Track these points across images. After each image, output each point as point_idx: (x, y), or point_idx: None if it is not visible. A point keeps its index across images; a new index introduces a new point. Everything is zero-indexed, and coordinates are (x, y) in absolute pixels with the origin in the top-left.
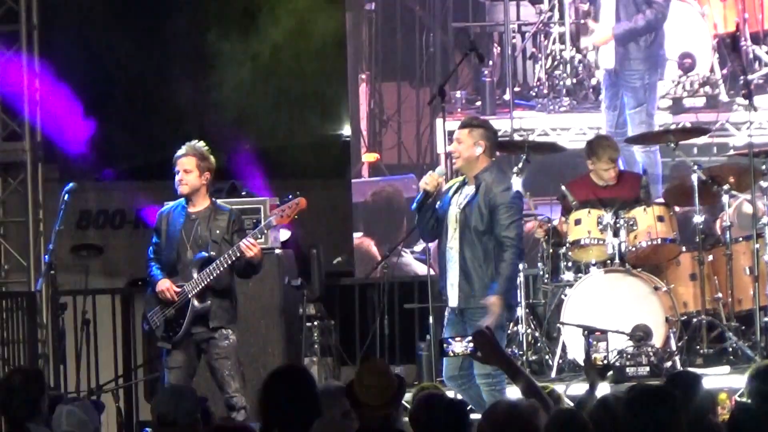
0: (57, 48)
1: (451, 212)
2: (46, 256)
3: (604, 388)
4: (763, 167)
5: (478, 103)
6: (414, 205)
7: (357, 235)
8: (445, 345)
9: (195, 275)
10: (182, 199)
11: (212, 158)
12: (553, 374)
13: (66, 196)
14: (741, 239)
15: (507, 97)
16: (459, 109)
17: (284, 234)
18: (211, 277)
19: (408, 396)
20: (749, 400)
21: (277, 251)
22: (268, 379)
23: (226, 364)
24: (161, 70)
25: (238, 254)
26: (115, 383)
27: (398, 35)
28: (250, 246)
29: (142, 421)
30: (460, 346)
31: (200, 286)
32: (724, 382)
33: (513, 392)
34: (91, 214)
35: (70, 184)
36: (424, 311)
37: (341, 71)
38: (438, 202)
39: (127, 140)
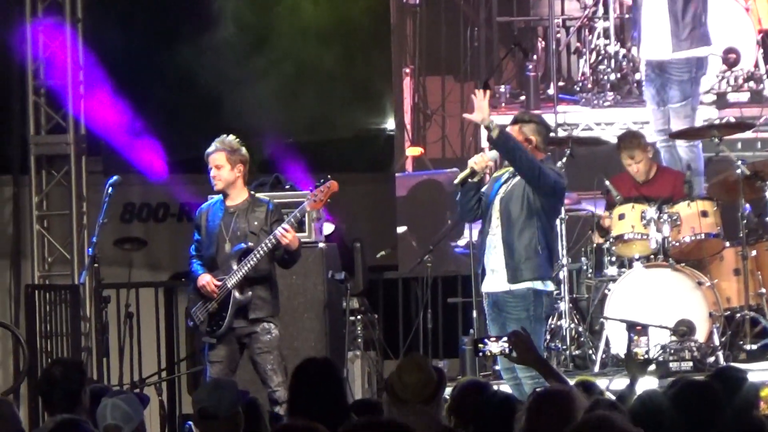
0: (102, 40)
1: (496, 201)
2: (90, 249)
3: (648, 383)
4: None
5: (523, 98)
6: (457, 180)
7: (401, 230)
8: (480, 345)
9: (234, 266)
10: (221, 195)
11: (244, 150)
12: (597, 369)
13: (110, 189)
14: None
15: (551, 91)
16: (503, 104)
17: (327, 228)
18: (249, 268)
19: (450, 390)
20: None
21: (321, 245)
22: (295, 370)
23: (269, 358)
24: (206, 63)
25: (275, 242)
26: (158, 376)
27: (443, 29)
28: (284, 233)
29: (184, 415)
30: (496, 347)
31: (240, 278)
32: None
33: None
34: (134, 207)
35: (114, 177)
36: (468, 305)
37: (386, 65)
38: (485, 187)
39: (171, 133)
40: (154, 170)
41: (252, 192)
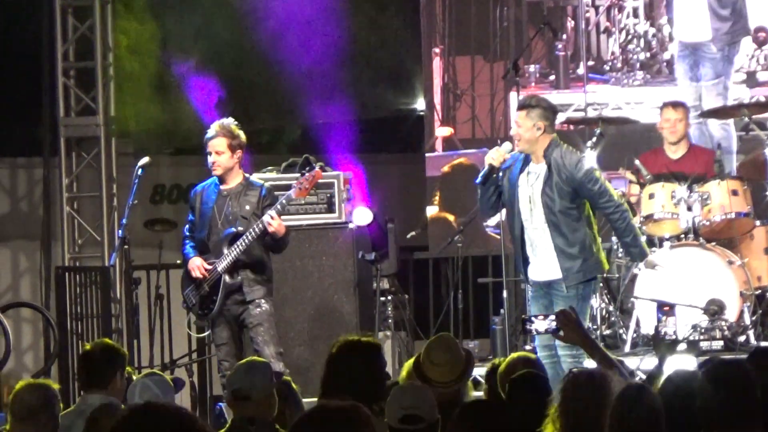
0: (131, 20)
1: (523, 192)
2: (120, 231)
3: (683, 362)
4: None
5: (552, 77)
6: (479, 179)
7: (432, 210)
8: (527, 324)
9: (225, 251)
10: (216, 177)
11: (242, 134)
12: (627, 348)
13: (139, 171)
14: None
15: (581, 71)
16: (533, 83)
17: (366, 216)
18: (239, 252)
19: (481, 371)
20: None
21: (351, 225)
22: (337, 350)
23: (260, 330)
24: (235, 42)
25: (262, 228)
26: (189, 358)
27: (472, 9)
28: (270, 221)
29: (215, 396)
30: (543, 325)
31: (229, 262)
32: None
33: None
34: (164, 188)
35: (144, 159)
36: (498, 285)
37: (416, 46)
38: (502, 178)
39: (201, 113)
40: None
41: (246, 175)
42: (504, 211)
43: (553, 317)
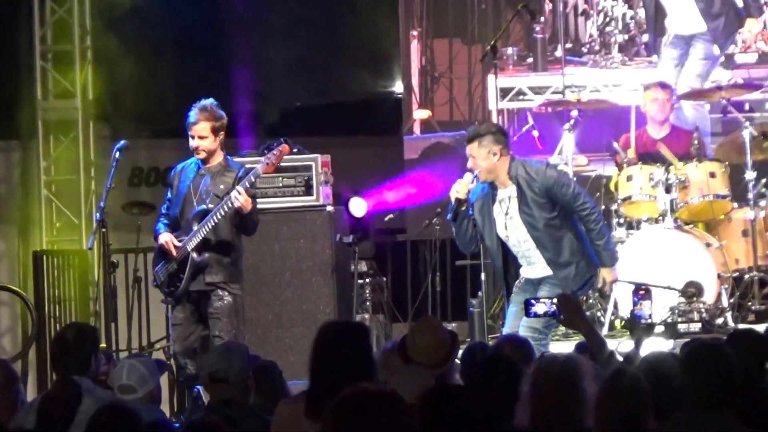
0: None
1: (500, 222)
2: (98, 214)
3: (661, 344)
4: None
5: (530, 60)
6: (449, 216)
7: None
8: (528, 306)
9: (194, 228)
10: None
11: (223, 115)
12: (605, 331)
13: (117, 154)
14: None
15: (559, 53)
16: (511, 66)
17: (361, 207)
18: (207, 230)
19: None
20: None
21: (329, 208)
22: (320, 330)
23: (218, 324)
24: (215, 26)
25: (230, 205)
26: (167, 341)
27: None
28: (237, 197)
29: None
30: (543, 308)
31: (198, 239)
32: None
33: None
34: (142, 171)
35: (122, 142)
36: (476, 268)
37: (393, 28)
38: (473, 213)
39: (179, 96)
40: None
41: (226, 156)
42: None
43: (554, 301)
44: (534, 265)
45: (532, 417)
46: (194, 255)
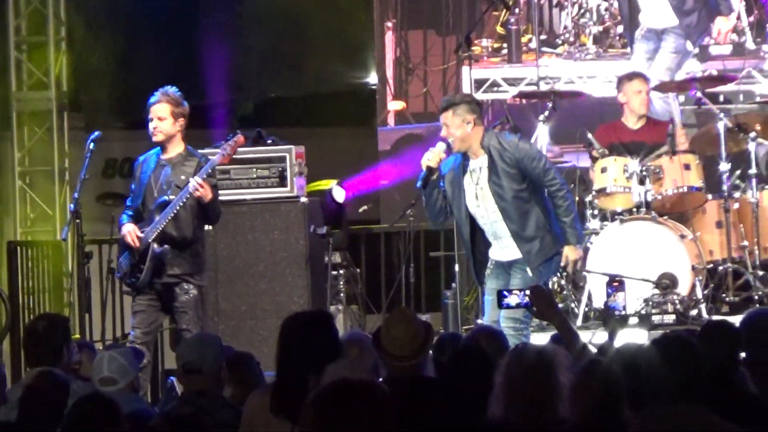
0: None
1: (469, 193)
2: (72, 205)
3: (636, 336)
4: None
5: (505, 51)
6: (419, 182)
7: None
8: (501, 297)
9: (156, 219)
10: (158, 147)
11: (186, 104)
12: (579, 322)
13: (91, 145)
14: (767, 187)
15: (533, 45)
16: (485, 57)
17: (342, 194)
18: (167, 220)
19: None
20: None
21: (303, 199)
22: (285, 322)
23: (184, 318)
24: (188, 17)
25: (189, 195)
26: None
27: None
28: (197, 186)
29: (167, 370)
30: (515, 299)
31: (158, 230)
32: None
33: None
34: (116, 162)
35: (96, 133)
36: (450, 259)
37: (368, 19)
38: (444, 185)
39: (153, 87)
40: None
41: (187, 146)
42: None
43: (527, 292)
44: (501, 239)
45: (505, 409)
46: (155, 246)
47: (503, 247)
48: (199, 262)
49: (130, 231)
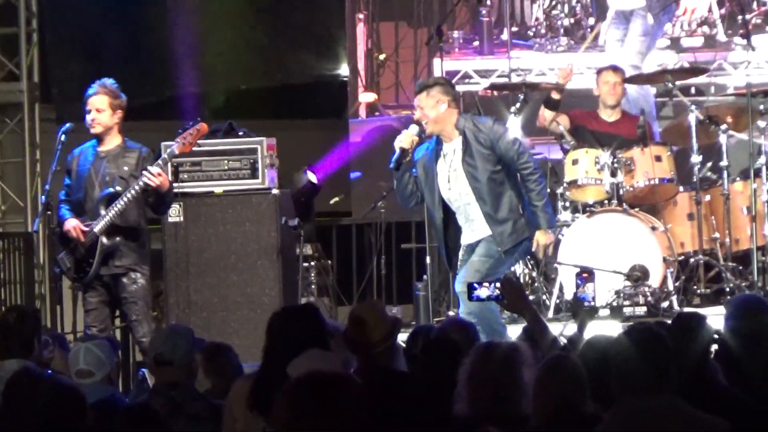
0: None
1: (442, 176)
2: (43, 197)
3: (610, 328)
4: (761, 107)
5: (476, 43)
6: (391, 164)
7: (354, 175)
8: (471, 290)
9: (102, 212)
10: (94, 140)
11: (124, 96)
12: (551, 314)
13: (62, 137)
14: (738, 179)
15: (505, 37)
16: (457, 49)
17: (313, 177)
18: (117, 213)
19: (404, 336)
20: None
21: (274, 191)
22: (275, 316)
23: (134, 308)
24: (160, 8)
25: (143, 185)
26: (112, 324)
27: None
28: (151, 177)
29: (138, 362)
30: (486, 292)
31: (106, 223)
32: (721, 323)
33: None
34: None
35: (67, 125)
36: (421, 251)
37: (339, 11)
38: (416, 171)
39: (123, 79)
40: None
41: (125, 138)
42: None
43: (496, 285)
44: (473, 222)
45: (470, 404)
46: (104, 239)
47: (474, 230)
48: (145, 253)
49: (75, 226)
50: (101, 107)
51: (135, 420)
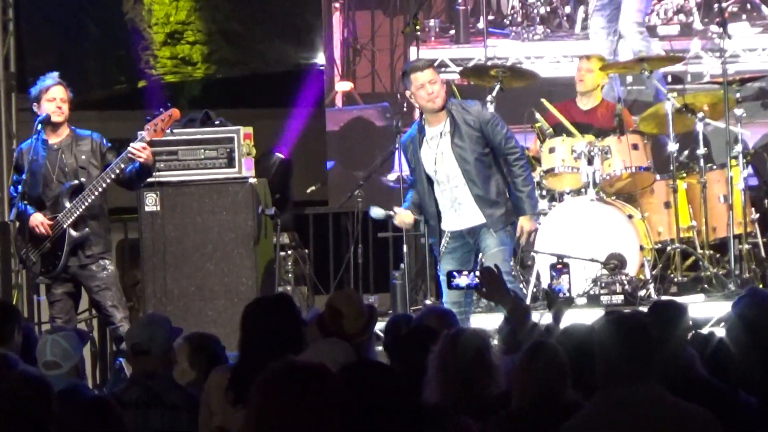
0: None
1: (428, 160)
2: (20, 186)
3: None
4: (737, 95)
5: (452, 32)
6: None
7: (330, 164)
8: (451, 278)
9: (67, 204)
10: (39, 133)
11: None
12: (527, 303)
13: (39, 126)
14: (715, 167)
15: (481, 25)
16: (433, 38)
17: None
18: (88, 203)
19: (381, 325)
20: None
21: (251, 180)
22: (248, 308)
23: (108, 295)
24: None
25: (127, 160)
26: (89, 313)
27: None
28: (139, 151)
29: (115, 352)
30: (465, 280)
31: (76, 214)
32: (699, 311)
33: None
34: None
35: (44, 114)
36: (398, 240)
37: (315, 0)
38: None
39: (100, 68)
40: None
41: (72, 127)
42: (403, 164)
43: (476, 273)
44: (461, 206)
45: (439, 392)
46: (72, 231)
47: (461, 215)
48: (110, 239)
49: (41, 221)
50: (65, 98)
51: (93, 411)
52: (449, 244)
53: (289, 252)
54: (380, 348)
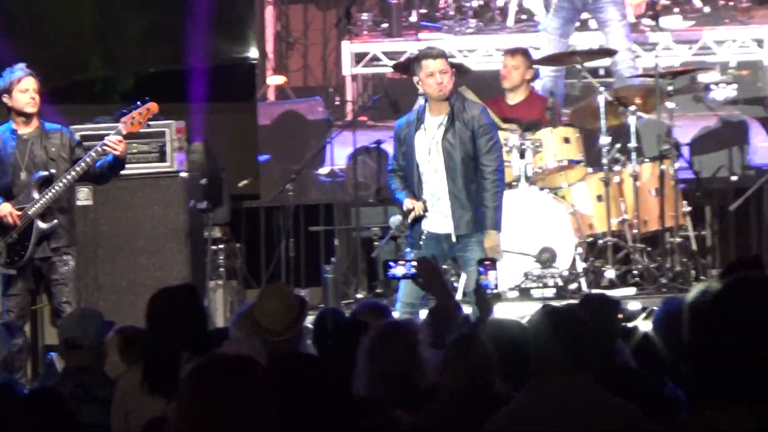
0: None
1: (421, 144)
2: None
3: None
4: (669, 88)
5: (385, 25)
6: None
7: (263, 158)
8: (387, 268)
9: (36, 195)
10: (9, 122)
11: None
12: (459, 296)
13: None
14: (647, 160)
15: (414, 18)
16: (365, 32)
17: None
18: (56, 194)
19: (311, 318)
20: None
21: (183, 174)
22: (153, 299)
23: (64, 290)
24: None
25: (101, 152)
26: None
27: None
28: (115, 144)
29: (47, 345)
30: (402, 270)
31: (43, 206)
32: (630, 304)
33: None
34: None
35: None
36: (330, 234)
37: None
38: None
39: (40, 62)
40: None
41: (41, 120)
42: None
43: (413, 263)
44: (439, 201)
45: (369, 384)
46: (40, 222)
47: (437, 212)
48: (74, 233)
49: (10, 212)
50: (37, 88)
51: (39, 405)
52: (424, 243)
53: (221, 246)
54: (310, 342)
